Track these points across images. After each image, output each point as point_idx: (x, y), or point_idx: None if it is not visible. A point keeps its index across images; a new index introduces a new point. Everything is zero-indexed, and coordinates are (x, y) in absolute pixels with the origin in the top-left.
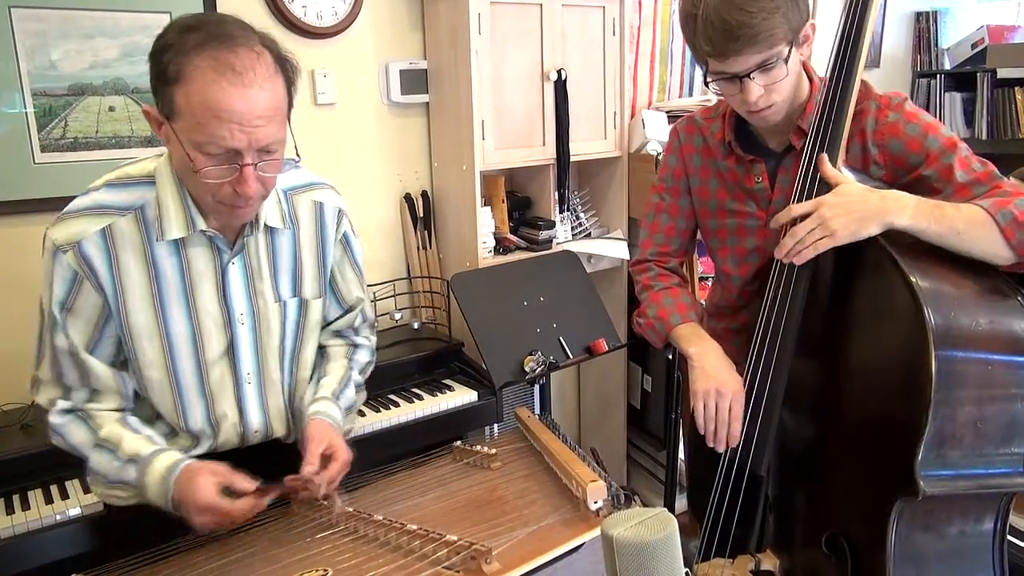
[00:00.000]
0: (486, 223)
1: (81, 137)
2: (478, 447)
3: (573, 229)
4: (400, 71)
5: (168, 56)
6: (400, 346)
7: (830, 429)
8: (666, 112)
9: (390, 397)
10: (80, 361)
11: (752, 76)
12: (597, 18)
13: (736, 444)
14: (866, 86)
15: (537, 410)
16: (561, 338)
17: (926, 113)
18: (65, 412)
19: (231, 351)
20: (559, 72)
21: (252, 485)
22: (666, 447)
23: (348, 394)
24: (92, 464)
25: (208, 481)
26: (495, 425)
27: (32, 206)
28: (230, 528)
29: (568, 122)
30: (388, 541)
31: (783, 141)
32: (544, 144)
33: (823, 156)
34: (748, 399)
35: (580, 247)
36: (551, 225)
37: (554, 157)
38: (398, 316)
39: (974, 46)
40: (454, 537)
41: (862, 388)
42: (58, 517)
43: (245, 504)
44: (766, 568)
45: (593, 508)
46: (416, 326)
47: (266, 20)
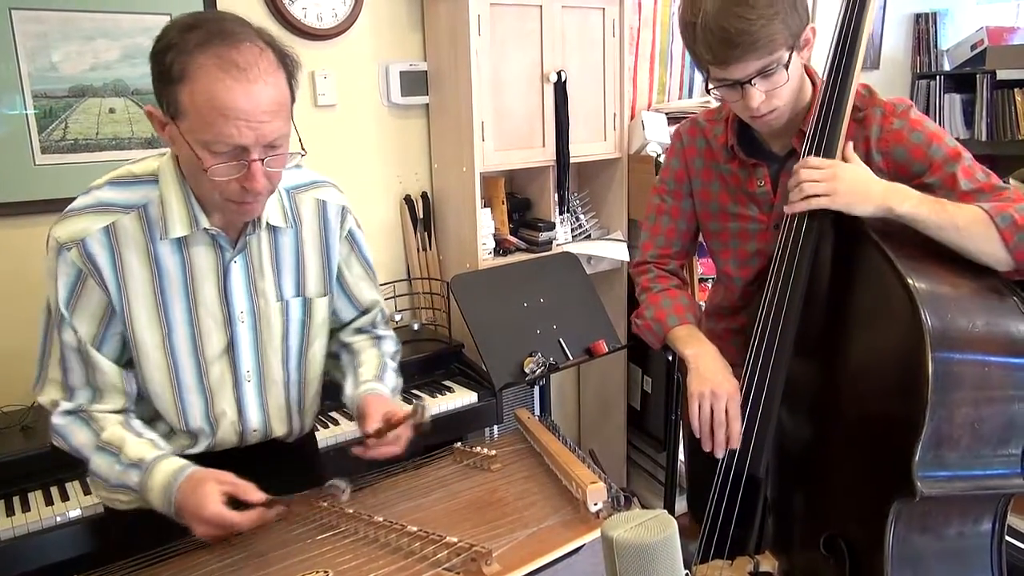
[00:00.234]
0: (486, 224)
1: (81, 139)
2: (478, 448)
3: (573, 230)
4: (400, 72)
5: (170, 56)
6: (400, 347)
7: (828, 430)
8: (666, 113)
9: None
10: (87, 357)
11: (753, 82)
12: (597, 19)
13: (736, 445)
14: (871, 92)
15: (537, 411)
16: (561, 339)
17: (931, 121)
18: (67, 413)
19: (231, 349)
20: (559, 73)
21: (261, 497)
22: (666, 448)
23: (389, 377)
24: (93, 467)
25: (214, 490)
26: (495, 426)
27: (33, 207)
28: (231, 536)
29: (568, 123)
30: (388, 542)
31: (786, 145)
32: (544, 145)
33: (848, 145)
34: (746, 400)
35: (580, 248)
36: (551, 226)
37: (554, 158)
38: (398, 317)
39: (973, 47)
40: (454, 539)
41: (859, 389)
42: (58, 519)
43: (251, 516)
44: (765, 570)
45: (593, 510)
46: (416, 327)
47: (266, 22)
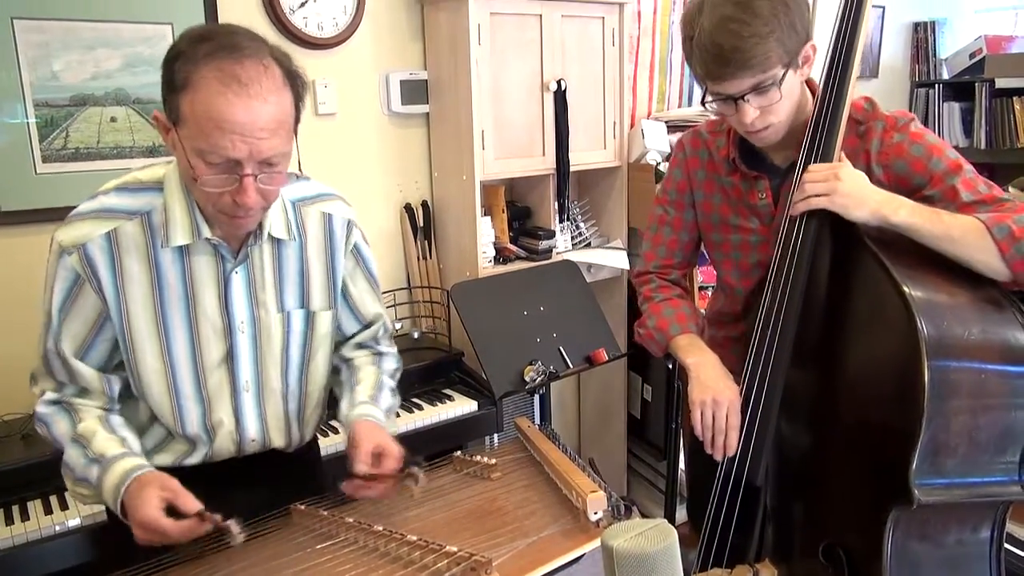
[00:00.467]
0: (486, 233)
1: (82, 148)
2: (478, 457)
3: (573, 239)
4: (400, 81)
5: (178, 64)
6: (400, 356)
7: (826, 438)
8: (665, 122)
9: None
10: (68, 364)
11: (747, 98)
12: (596, 28)
13: (733, 453)
14: (874, 106)
15: (537, 420)
16: (561, 348)
17: (932, 134)
18: (52, 403)
19: (230, 359)
20: (559, 82)
21: (194, 507)
22: (666, 457)
23: (385, 397)
24: (66, 457)
25: (153, 495)
26: (495, 435)
27: (33, 216)
28: (166, 544)
29: (568, 132)
30: (388, 552)
31: (787, 157)
32: (544, 154)
33: (842, 154)
34: (745, 408)
35: (580, 257)
36: (551, 235)
37: (554, 167)
38: (398, 326)
39: (972, 56)
40: (454, 548)
41: (857, 397)
42: (57, 528)
43: (183, 526)
44: None
45: (593, 519)
46: (416, 336)
47: (268, 31)
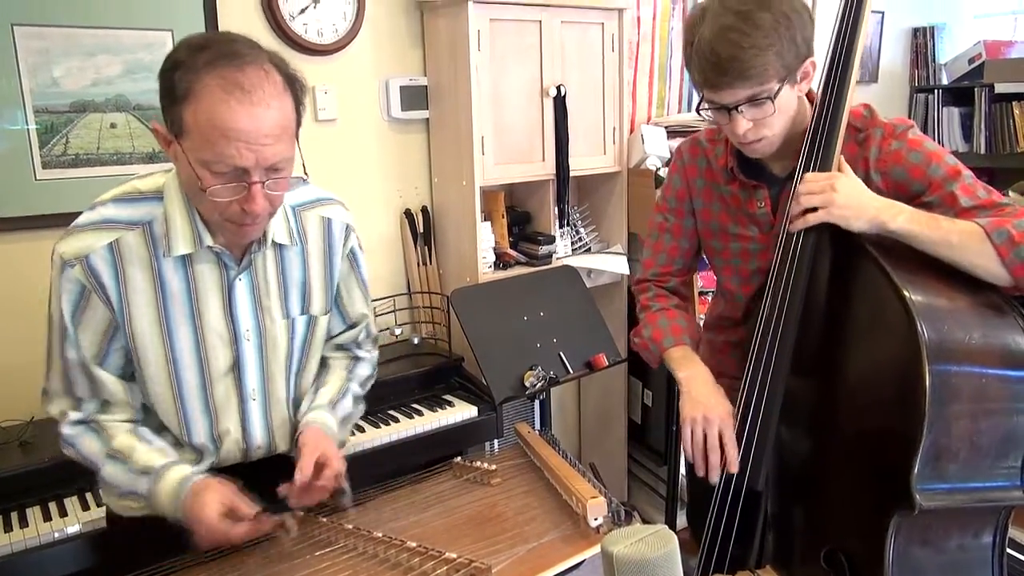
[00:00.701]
0: (486, 238)
1: (83, 154)
2: (478, 463)
3: (573, 244)
4: (400, 87)
5: (178, 74)
6: (400, 361)
7: (826, 444)
8: (665, 127)
9: (390, 413)
10: (90, 373)
11: (741, 109)
12: (596, 34)
13: (734, 469)
14: (872, 113)
15: (537, 425)
16: (561, 353)
17: (931, 141)
18: (77, 423)
19: (236, 368)
20: (558, 88)
21: (253, 511)
22: (667, 462)
23: (345, 404)
24: (104, 475)
25: (213, 500)
26: (495, 441)
27: (33, 223)
28: (229, 547)
29: (567, 137)
30: (388, 558)
31: (786, 167)
32: (544, 159)
33: (841, 158)
34: (744, 414)
35: (580, 262)
36: (551, 240)
37: (554, 172)
38: (398, 331)
39: (971, 61)
40: (454, 554)
41: (857, 403)
42: (56, 535)
43: (242, 529)
44: None
45: (593, 525)
46: (416, 341)
47: (267, 38)
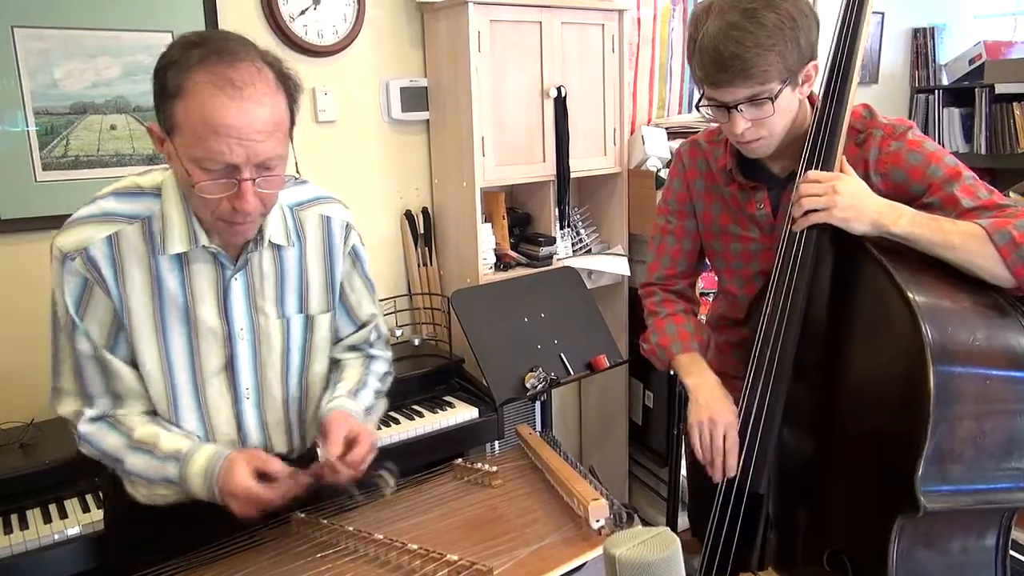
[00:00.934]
0: (486, 239)
1: (83, 155)
2: (479, 465)
3: (573, 245)
4: (400, 88)
5: (171, 72)
6: (401, 363)
7: (829, 446)
8: (665, 128)
9: (390, 414)
10: (105, 363)
11: (740, 108)
12: (596, 35)
13: (733, 475)
14: (872, 113)
15: (538, 427)
16: (562, 354)
17: (931, 142)
18: (93, 420)
19: (230, 366)
20: (559, 89)
21: (284, 469)
22: (668, 463)
23: (365, 395)
24: (129, 467)
25: (242, 466)
26: (496, 442)
27: (33, 224)
28: (266, 513)
29: (568, 138)
30: (389, 560)
31: (787, 167)
32: (544, 160)
33: (843, 158)
34: (747, 417)
35: (581, 263)
36: (551, 241)
37: (554, 173)
38: (399, 333)
39: (972, 62)
40: (455, 556)
41: (860, 404)
42: (56, 537)
43: (278, 489)
44: None
45: (595, 527)
46: (417, 343)
47: (268, 39)
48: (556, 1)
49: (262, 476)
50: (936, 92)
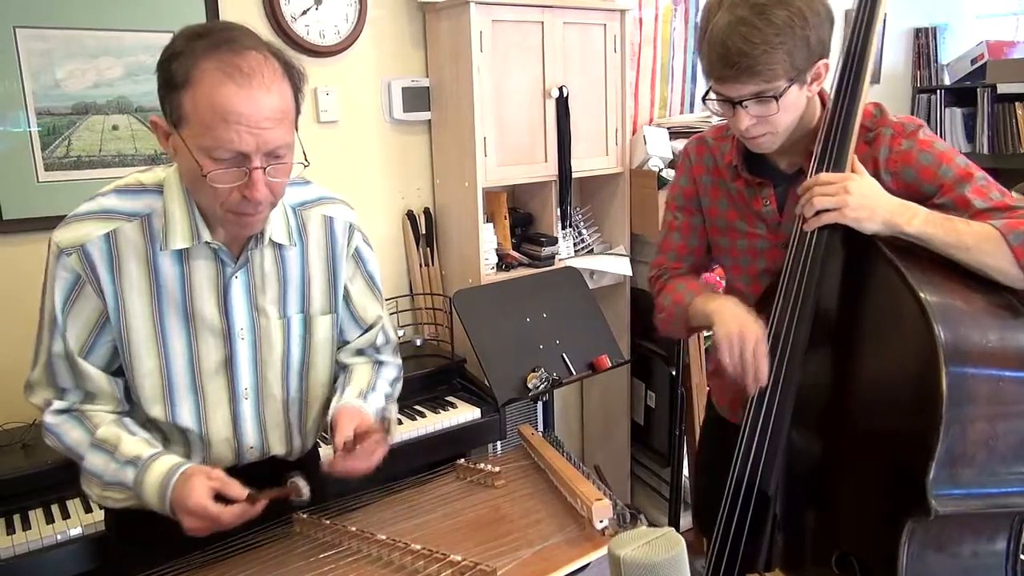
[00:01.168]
0: (488, 240)
1: (84, 156)
2: (482, 465)
3: (575, 245)
4: (402, 88)
5: (176, 63)
6: (402, 363)
7: (839, 447)
8: (667, 128)
9: None
10: (75, 365)
11: (745, 104)
12: (598, 35)
13: (764, 382)
14: (883, 112)
15: (540, 427)
16: (564, 354)
17: (942, 141)
18: (60, 412)
19: (229, 365)
20: (561, 89)
21: (243, 492)
22: (670, 464)
23: (376, 398)
24: (87, 465)
25: (202, 484)
26: (498, 442)
27: (35, 224)
28: (220, 530)
29: (570, 138)
30: (391, 561)
31: (794, 163)
32: (546, 160)
33: (854, 158)
34: (757, 415)
35: (582, 263)
36: (553, 241)
37: (556, 173)
38: (401, 333)
39: (974, 61)
40: (458, 557)
41: (871, 406)
42: (59, 537)
43: (235, 511)
44: None
45: (599, 527)
46: (418, 343)
47: (269, 39)
48: (558, 1)
49: (220, 497)
50: (938, 92)
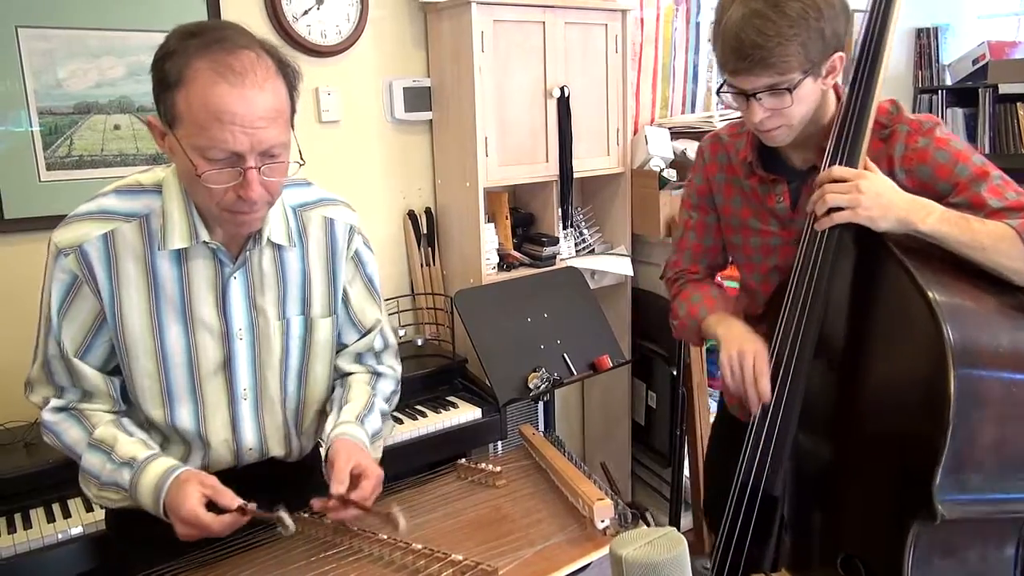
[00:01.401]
0: (490, 240)
1: (86, 155)
2: (483, 465)
3: (576, 245)
4: (404, 89)
5: (169, 62)
6: (404, 363)
7: (848, 449)
8: (668, 128)
9: (394, 414)
10: (71, 366)
11: (759, 97)
12: (600, 35)
13: (767, 399)
14: (899, 109)
15: (541, 427)
16: (565, 354)
17: (959, 140)
18: (58, 410)
19: (228, 366)
20: (562, 89)
21: (235, 503)
22: (671, 464)
23: (373, 420)
24: (85, 464)
25: (194, 491)
26: (499, 442)
27: (37, 224)
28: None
29: (571, 139)
30: (393, 560)
31: (807, 159)
32: (547, 161)
33: (866, 157)
34: (764, 416)
35: (583, 263)
36: (554, 241)
37: (557, 174)
38: (402, 333)
39: (975, 62)
40: (459, 556)
41: (879, 407)
42: (60, 536)
43: (225, 520)
44: None
45: (600, 527)
46: (420, 343)
47: (271, 39)
48: (559, 1)
49: (212, 505)
50: (940, 92)
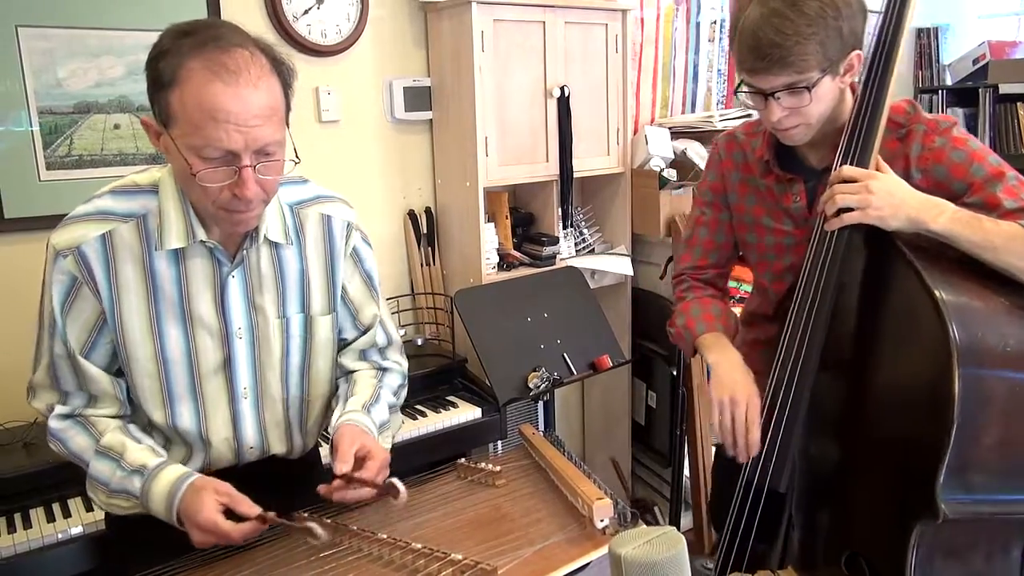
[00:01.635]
0: (490, 239)
1: (86, 155)
2: (482, 464)
3: (576, 245)
4: (404, 88)
5: (163, 62)
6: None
7: (852, 447)
8: (669, 128)
9: None
10: (77, 366)
11: (777, 96)
12: (600, 35)
13: (755, 453)
14: (916, 108)
15: (541, 427)
16: (565, 354)
17: (975, 140)
18: (64, 417)
19: (228, 365)
20: (562, 89)
21: (255, 511)
22: (671, 464)
23: (380, 410)
24: (93, 472)
25: (210, 499)
26: (499, 442)
27: (37, 223)
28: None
29: (571, 138)
30: (392, 560)
31: (824, 159)
32: (547, 160)
33: (878, 157)
34: (769, 414)
35: (583, 263)
36: (555, 241)
37: (557, 173)
38: (402, 332)
39: (976, 62)
40: (459, 556)
41: (885, 406)
42: (60, 536)
43: (245, 528)
44: None
45: (600, 526)
46: (420, 342)
47: (271, 38)
48: (559, 1)
49: (229, 512)
50: (940, 92)
